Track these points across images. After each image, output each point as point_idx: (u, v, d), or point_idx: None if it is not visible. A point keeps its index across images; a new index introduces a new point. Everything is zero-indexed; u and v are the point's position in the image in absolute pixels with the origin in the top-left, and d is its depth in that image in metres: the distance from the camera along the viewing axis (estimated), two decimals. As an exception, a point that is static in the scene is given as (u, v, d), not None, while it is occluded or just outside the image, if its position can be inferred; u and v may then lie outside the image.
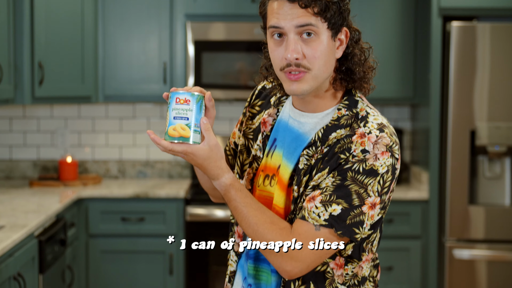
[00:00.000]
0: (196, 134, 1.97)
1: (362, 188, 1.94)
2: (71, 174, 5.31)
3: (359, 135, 1.98)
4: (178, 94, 1.98)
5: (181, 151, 1.98)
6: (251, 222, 2.01)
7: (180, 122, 1.96)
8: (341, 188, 1.94)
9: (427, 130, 5.05)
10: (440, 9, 4.84)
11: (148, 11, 5.23)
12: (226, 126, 5.70)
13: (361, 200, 1.94)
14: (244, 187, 2.06)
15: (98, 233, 4.97)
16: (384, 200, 1.99)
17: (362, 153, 1.95)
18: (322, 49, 1.98)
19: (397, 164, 1.99)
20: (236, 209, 2.03)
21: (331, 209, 1.94)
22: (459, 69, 4.78)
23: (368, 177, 1.94)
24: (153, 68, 5.26)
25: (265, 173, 2.16)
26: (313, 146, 2.04)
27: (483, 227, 4.84)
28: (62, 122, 5.66)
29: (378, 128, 1.99)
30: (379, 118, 2.04)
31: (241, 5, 5.17)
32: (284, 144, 2.12)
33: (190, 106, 1.97)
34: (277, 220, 2.02)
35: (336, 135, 2.01)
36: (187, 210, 4.95)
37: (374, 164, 1.94)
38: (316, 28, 1.96)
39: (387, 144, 1.96)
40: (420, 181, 5.20)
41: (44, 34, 4.75)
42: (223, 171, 2.02)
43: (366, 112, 2.05)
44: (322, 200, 1.95)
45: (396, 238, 5.03)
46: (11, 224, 3.76)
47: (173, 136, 1.97)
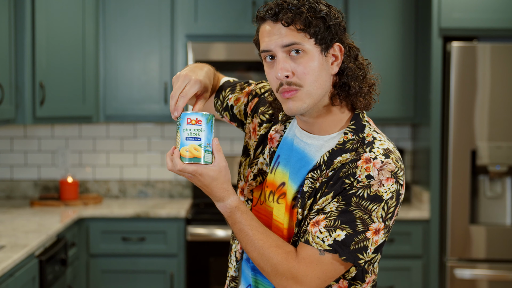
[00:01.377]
0: (208, 154, 1.98)
1: (367, 214, 1.93)
2: (72, 193, 5.31)
3: (365, 160, 1.97)
4: (189, 114, 1.98)
5: (191, 171, 1.98)
6: (257, 245, 2.01)
7: (193, 142, 1.97)
8: (345, 213, 1.94)
9: (428, 150, 5.05)
10: (441, 29, 4.85)
11: (149, 31, 5.24)
12: (227, 146, 5.70)
13: (365, 226, 1.93)
14: (249, 210, 2.06)
15: (99, 253, 4.96)
16: (388, 225, 1.98)
17: (367, 179, 1.94)
18: (311, 65, 1.98)
19: (401, 189, 1.98)
20: (241, 232, 2.03)
21: (335, 235, 1.94)
22: (459, 89, 4.79)
23: (373, 203, 1.94)
24: (154, 88, 5.28)
25: (270, 189, 2.16)
26: (318, 170, 2.03)
27: (484, 247, 4.83)
28: (63, 142, 5.66)
29: (384, 153, 1.98)
30: (385, 143, 2.03)
31: (242, 26, 5.19)
32: (289, 163, 2.12)
33: (201, 126, 1.97)
34: (282, 244, 2.02)
35: (341, 159, 2.01)
36: (188, 230, 4.94)
37: (378, 190, 1.94)
38: (302, 45, 1.97)
39: (392, 170, 1.96)
40: (421, 201, 5.20)
41: (45, 54, 4.76)
42: (229, 193, 2.03)
43: (373, 138, 2.04)
44: (326, 225, 1.95)
45: (397, 257, 5.02)
46: (12, 244, 3.76)
47: (185, 157, 1.97)
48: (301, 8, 1.95)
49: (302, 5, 1.96)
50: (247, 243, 2.03)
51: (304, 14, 1.95)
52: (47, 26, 4.78)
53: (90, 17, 5.12)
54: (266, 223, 2.16)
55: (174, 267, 4.97)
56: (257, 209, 2.21)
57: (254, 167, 2.23)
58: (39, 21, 4.71)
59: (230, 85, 2.44)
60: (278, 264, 1.99)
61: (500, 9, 4.85)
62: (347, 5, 5.20)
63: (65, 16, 4.94)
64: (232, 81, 2.47)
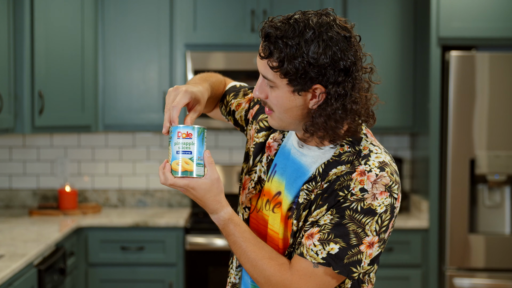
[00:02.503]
0: (199, 167, 1.98)
1: (360, 228, 1.93)
2: (71, 203, 5.31)
3: (359, 173, 1.96)
4: (180, 128, 1.98)
5: (183, 185, 1.98)
6: (250, 257, 2.02)
7: (184, 156, 1.97)
8: (339, 226, 1.94)
9: (426, 159, 5.05)
10: (439, 38, 4.86)
11: (148, 40, 5.25)
12: (225, 155, 5.70)
13: (359, 239, 1.93)
14: (242, 221, 2.07)
15: (97, 262, 4.96)
16: (383, 238, 1.98)
17: (361, 192, 1.94)
18: (279, 101, 1.98)
19: (396, 203, 1.97)
20: (235, 244, 2.04)
21: (329, 248, 1.94)
22: (458, 98, 4.80)
23: (366, 217, 1.93)
24: (153, 97, 5.28)
25: (266, 198, 2.16)
26: (313, 181, 2.03)
27: (484, 256, 4.83)
28: (62, 151, 5.66)
29: (379, 166, 1.97)
30: (381, 156, 2.02)
31: (241, 35, 5.19)
32: (285, 172, 2.12)
33: (192, 139, 1.97)
34: (276, 256, 2.02)
35: (337, 171, 2.00)
36: (187, 239, 4.94)
37: (372, 203, 1.93)
38: (273, 82, 1.96)
39: (386, 184, 1.95)
40: (420, 210, 5.20)
41: (44, 64, 4.77)
42: (222, 205, 2.03)
43: (369, 150, 2.03)
44: (320, 238, 1.95)
45: (396, 266, 5.02)
46: (11, 253, 3.76)
47: (177, 170, 1.97)
48: (283, 47, 1.90)
49: (286, 42, 1.90)
50: (241, 255, 2.04)
51: (281, 54, 1.90)
52: (46, 35, 4.78)
53: (89, 26, 5.12)
54: (263, 231, 2.17)
55: (173, 276, 4.97)
56: (254, 217, 2.22)
57: (254, 175, 2.23)
58: (38, 30, 4.71)
59: (235, 90, 2.44)
60: (271, 276, 1.99)
61: (498, 18, 4.86)
62: (345, 15, 5.21)
63: (64, 25, 4.95)
64: (238, 86, 2.47)
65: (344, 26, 1.97)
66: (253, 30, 5.17)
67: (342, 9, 5.20)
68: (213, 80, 2.37)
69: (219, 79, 2.44)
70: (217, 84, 2.39)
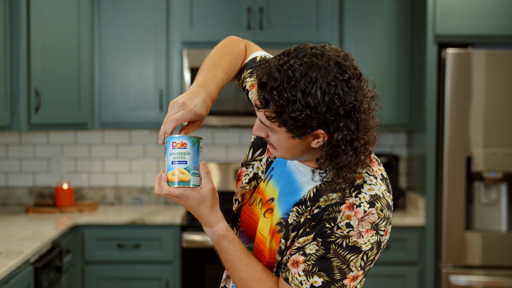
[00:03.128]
0: (195, 177, 1.98)
1: (344, 264, 1.92)
2: (67, 200, 5.30)
3: (348, 206, 1.93)
4: (174, 138, 1.97)
5: (178, 194, 1.97)
6: (241, 276, 2.04)
7: (179, 166, 1.96)
8: (323, 260, 1.93)
9: (423, 156, 5.06)
10: (436, 36, 4.86)
11: (145, 38, 5.25)
12: (222, 153, 5.70)
13: (343, 274, 1.92)
14: (237, 238, 2.07)
15: (94, 260, 4.95)
16: (369, 269, 1.99)
17: (347, 227, 1.91)
18: (279, 144, 1.93)
19: (382, 238, 1.95)
20: (227, 261, 2.05)
21: (313, 280, 1.94)
22: (454, 96, 4.80)
23: (351, 253, 1.91)
24: (150, 94, 5.27)
25: (260, 197, 2.16)
26: (303, 205, 2.01)
27: (480, 253, 4.83)
28: (58, 149, 5.66)
29: (369, 201, 1.93)
30: (375, 187, 1.96)
31: (237, 33, 5.19)
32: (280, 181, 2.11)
33: (187, 149, 1.96)
34: (265, 279, 2.04)
35: (327, 199, 1.97)
36: (183, 237, 4.94)
37: (357, 241, 1.91)
38: (270, 129, 1.91)
39: (374, 222, 1.91)
40: (417, 207, 5.20)
41: (40, 61, 4.76)
42: (218, 219, 2.03)
43: (363, 181, 1.97)
44: (305, 269, 1.95)
45: (392, 264, 5.02)
46: (7, 251, 3.75)
47: (173, 181, 1.97)
48: (279, 98, 1.82)
49: (282, 94, 1.82)
50: (233, 273, 2.05)
51: (278, 106, 1.83)
52: (42, 33, 4.78)
53: (86, 24, 5.12)
54: (252, 226, 2.18)
55: (169, 274, 4.96)
56: (245, 210, 2.22)
57: (250, 169, 2.22)
58: (35, 28, 4.71)
59: (252, 66, 2.32)
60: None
61: (495, 16, 4.86)
62: (342, 13, 5.21)
63: (60, 22, 4.94)
64: (259, 59, 2.32)
65: (343, 65, 1.85)
66: (249, 27, 5.17)
67: (338, 7, 5.20)
68: (227, 62, 2.28)
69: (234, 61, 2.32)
70: (231, 67, 2.28)
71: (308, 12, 5.17)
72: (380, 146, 5.71)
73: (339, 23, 5.21)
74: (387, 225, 1.95)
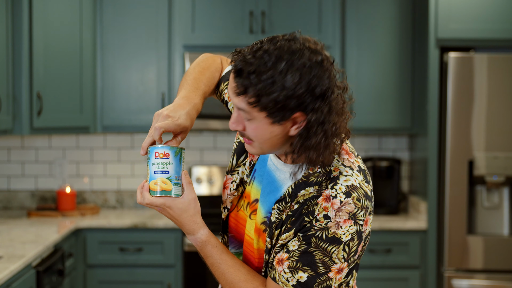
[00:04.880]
0: (177, 187, 1.99)
1: (327, 256, 1.92)
2: (69, 204, 5.30)
3: (324, 198, 1.94)
4: (157, 148, 1.98)
5: (159, 204, 1.98)
6: (227, 279, 2.06)
7: (161, 176, 1.98)
8: (306, 254, 1.93)
9: (425, 160, 5.05)
10: (438, 40, 4.86)
11: (147, 42, 5.25)
12: (224, 156, 5.70)
13: (327, 267, 1.93)
14: (220, 242, 2.08)
15: (96, 264, 4.95)
16: (353, 260, 1.98)
17: (324, 219, 1.92)
18: (259, 132, 1.92)
19: (363, 227, 1.94)
20: (212, 266, 2.08)
21: (298, 276, 1.94)
22: (456, 100, 4.80)
23: (332, 245, 1.91)
24: (151, 98, 5.28)
25: (247, 200, 2.17)
26: (283, 202, 2.02)
27: (482, 257, 4.83)
28: (60, 152, 5.66)
29: (345, 191, 1.93)
30: (351, 178, 1.96)
31: (239, 36, 5.19)
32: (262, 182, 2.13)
33: (169, 159, 1.98)
34: (251, 279, 2.05)
35: (305, 193, 1.98)
36: (185, 240, 4.94)
37: (336, 232, 1.91)
38: (249, 114, 1.89)
39: (351, 212, 1.91)
40: (419, 211, 5.20)
41: (42, 65, 4.76)
42: (199, 226, 2.05)
43: (339, 172, 1.97)
44: (289, 266, 1.95)
45: (394, 268, 5.02)
46: (9, 255, 3.75)
47: (155, 190, 1.98)
48: (257, 82, 1.83)
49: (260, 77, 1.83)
50: (219, 277, 2.07)
51: (256, 90, 1.83)
52: (44, 36, 4.78)
53: (88, 27, 5.12)
54: (241, 230, 2.19)
55: (171, 277, 4.96)
56: (234, 216, 2.23)
57: (236, 175, 2.23)
58: (37, 31, 4.71)
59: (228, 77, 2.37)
60: None
61: (497, 19, 4.86)
62: (344, 16, 5.21)
63: (62, 26, 4.95)
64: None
65: (315, 49, 1.88)
66: (251, 31, 5.17)
67: (340, 10, 5.20)
68: (207, 77, 2.31)
69: (214, 70, 2.36)
70: (211, 78, 2.33)
71: (310, 16, 5.17)
72: (382, 150, 5.71)
73: (341, 27, 5.21)
74: (366, 214, 1.95)
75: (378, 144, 5.73)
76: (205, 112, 5.09)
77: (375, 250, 4.95)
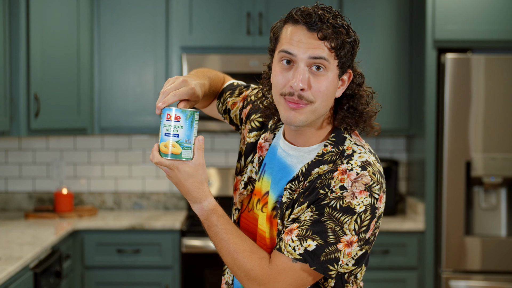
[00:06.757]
0: (187, 151, 1.98)
1: (338, 226, 1.92)
2: (67, 206, 5.30)
3: (341, 172, 1.97)
4: (169, 110, 1.97)
5: (168, 164, 1.97)
6: (231, 249, 2.01)
7: (170, 138, 1.96)
8: (317, 223, 1.94)
9: (422, 161, 5.06)
10: (435, 41, 4.87)
11: (144, 43, 5.25)
12: (221, 158, 5.70)
13: (337, 237, 1.93)
14: (225, 213, 2.06)
15: (93, 265, 4.95)
16: (364, 238, 1.97)
17: (340, 190, 1.94)
18: (327, 85, 1.97)
19: (377, 203, 1.96)
20: (216, 235, 2.02)
21: (306, 244, 1.94)
22: (454, 101, 4.80)
23: (345, 215, 1.92)
24: (149, 100, 5.27)
25: (257, 197, 2.17)
26: (296, 181, 2.03)
27: (479, 258, 4.83)
28: (58, 154, 5.66)
29: (361, 165, 1.97)
30: (365, 155, 2.01)
31: (237, 38, 5.19)
32: (272, 172, 2.13)
33: (180, 123, 1.96)
34: (257, 250, 2.02)
35: (319, 171, 2.01)
36: (183, 242, 4.94)
37: (351, 202, 1.92)
38: (328, 63, 1.95)
39: (367, 183, 1.94)
40: (416, 212, 5.20)
41: (40, 66, 4.76)
42: (206, 194, 2.01)
43: (353, 151, 2.02)
44: (298, 234, 1.95)
45: (392, 269, 5.02)
46: (6, 256, 3.75)
47: (165, 152, 1.97)
48: (340, 28, 1.95)
49: (340, 25, 1.96)
50: (222, 247, 2.02)
51: (342, 36, 1.94)
52: (42, 38, 4.78)
53: (85, 29, 5.12)
54: (253, 230, 2.17)
55: (169, 279, 4.96)
56: (245, 216, 2.22)
57: (244, 175, 2.24)
58: (34, 33, 4.71)
59: (231, 88, 2.44)
60: (251, 270, 1.99)
61: (494, 21, 4.86)
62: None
63: (59, 28, 4.95)
64: (236, 84, 2.47)
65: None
66: (249, 32, 5.17)
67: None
68: (212, 76, 2.37)
69: (218, 76, 2.44)
70: (215, 80, 2.39)
71: (308, 17, 5.17)
72: (379, 151, 5.71)
73: (338, 28, 5.21)
74: (380, 190, 1.97)
75: (376, 145, 5.73)
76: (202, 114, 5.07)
77: (372, 251, 4.95)
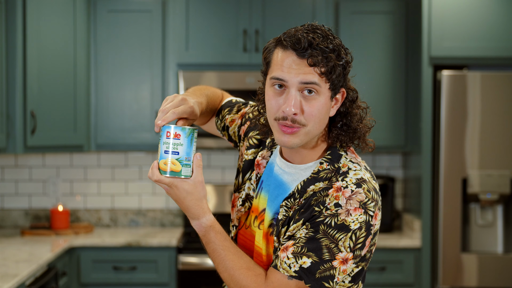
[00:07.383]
0: (186, 168, 1.99)
1: (333, 243, 1.93)
2: (63, 223, 5.29)
3: (336, 189, 1.98)
4: (168, 128, 1.98)
5: (167, 182, 1.98)
6: (228, 266, 2.03)
7: (170, 156, 1.97)
8: (312, 241, 1.94)
9: (419, 178, 5.06)
10: (431, 58, 4.88)
11: (141, 60, 5.26)
12: (218, 175, 5.70)
13: (332, 255, 1.93)
14: (223, 230, 2.07)
15: (90, 282, 4.94)
16: (359, 255, 1.97)
17: (335, 207, 1.95)
18: (320, 108, 1.98)
19: (372, 220, 1.97)
20: (214, 252, 2.04)
21: (301, 261, 1.94)
22: (450, 117, 4.81)
23: (340, 232, 1.93)
24: (145, 116, 5.28)
25: (255, 214, 2.18)
26: (292, 198, 2.04)
27: (476, 275, 4.83)
28: (54, 171, 5.66)
29: (355, 183, 1.98)
30: (360, 173, 2.02)
31: (233, 55, 5.20)
32: (269, 189, 2.14)
33: (180, 140, 1.97)
34: (253, 266, 2.04)
35: (314, 188, 2.02)
36: (179, 259, 4.93)
37: (345, 219, 1.93)
38: (319, 87, 1.96)
39: (361, 201, 1.95)
40: (413, 229, 5.20)
41: (36, 83, 4.77)
42: (204, 211, 2.03)
43: (348, 168, 2.03)
44: (294, 252, 1.96)
45: (389, 286, 5.01)
46: (2, 274, 3.74)
47: (164, 170, 1.98)
48: (330, 53, 1.94)
49: (330, 49, 1.95)
50: (219, 264, 2.04)
51: (332, 61, 1.94)
52: (38, 55, 4.79)
53: (82, 46, 5.13)
54: (250, 247, 2.18)
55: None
56: (242, 233, 2.23)
57: (242, 192, 2.25)
58: (31, 50, 4.71)
59: (230, 105, 2.46)
60: (247, 286, 2.00)
61: (490, 38, 4.88)
62: (337, 34, 5.22)
63: (56, 45, 4.95)
64: (234, 101, 2.49)
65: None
66: (245, 49, 5.18)
67: (334, 28, 5.21)
68: (210, 93, 2.38)
69: (216, 93, 2.45)
70: (213, 98, 2.40)
71: (304, 34, 5.18)
72: (375, 168, 5.71)
73: (334, 45, 5.22)
74: (375, 207, 1.98)
75: (372, 162, 5.73)
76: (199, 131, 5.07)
77: (369, 268, 4.94)
